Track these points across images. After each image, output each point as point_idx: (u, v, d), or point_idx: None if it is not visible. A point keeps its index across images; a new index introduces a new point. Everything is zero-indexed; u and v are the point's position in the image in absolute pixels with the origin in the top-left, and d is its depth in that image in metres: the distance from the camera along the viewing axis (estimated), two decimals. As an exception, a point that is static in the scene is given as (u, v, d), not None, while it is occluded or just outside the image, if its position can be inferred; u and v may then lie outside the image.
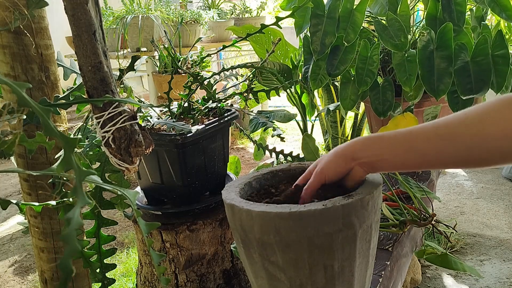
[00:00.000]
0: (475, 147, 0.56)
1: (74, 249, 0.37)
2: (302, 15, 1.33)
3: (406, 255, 1.10)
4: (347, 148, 0.63)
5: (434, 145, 0.58)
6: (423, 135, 0.59)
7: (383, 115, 1.29)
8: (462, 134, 0.56)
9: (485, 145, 0.55)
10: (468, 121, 0.56)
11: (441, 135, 0.57)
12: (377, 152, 0.61)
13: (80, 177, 0.43)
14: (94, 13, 0.67)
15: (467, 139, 0.56)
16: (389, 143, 0.61)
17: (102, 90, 0.69)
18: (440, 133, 0.58)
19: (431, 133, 0.58)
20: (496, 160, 0.57)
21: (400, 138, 0.60)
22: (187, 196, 1.00)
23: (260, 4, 3.45)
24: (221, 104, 1.04)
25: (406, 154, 0.60)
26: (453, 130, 0.57)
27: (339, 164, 0.63)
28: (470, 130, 0.56)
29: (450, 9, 1.24)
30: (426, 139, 0.58)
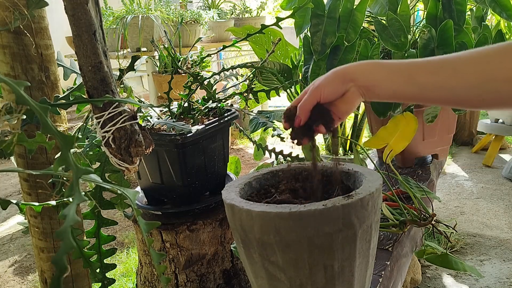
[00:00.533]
0: (477, 87, 0.54)
1: (69, 245, 0.37)
2: (302, 15, 1.33)
3: (406, 255, 1.10)
4: (347, 69, 0.62)
5: (436, 80, 0.56)
6: (426, 68, 0.57)
7: (383, 115, 1.29)
8: (466, 72, 0.55)
9: (487, 86, 0.54)
10: (475, 59, 0.55)
11: (445, 70, 0.56)
12: (376, 77, 0.60)
13: (77, 175, 0.43)
14: (94, 13, 0.67)
15: (470, 77, 0.54)
16: (390, 70, 0.59)
17: (102, 90, 0.69)
18: (444, 68, 0.56)
19: (435, 67, 0.57)
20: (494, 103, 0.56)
21: (403, 68, 0.59)
22: (187, 196, 1.00)
23: (260, 4, 3.45)
24: (221, 104, 1.04)
25: (405, 85, 0.59)
26: (458, 67, 0.55)
27: (336, 82, 0.62)
28: (475, 69, 0.54)
29: (450, 9, 1.24)
30: (428, 72, 0.57)
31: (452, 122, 1.49)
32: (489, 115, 2.94)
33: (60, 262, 0.37)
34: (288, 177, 0.75)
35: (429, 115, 1.34)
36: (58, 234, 0.38)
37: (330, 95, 0.62)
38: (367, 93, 0.62)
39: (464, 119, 3.25)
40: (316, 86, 0.63)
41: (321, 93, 0.62)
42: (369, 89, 0.61)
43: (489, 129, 2.89)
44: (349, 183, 0.71)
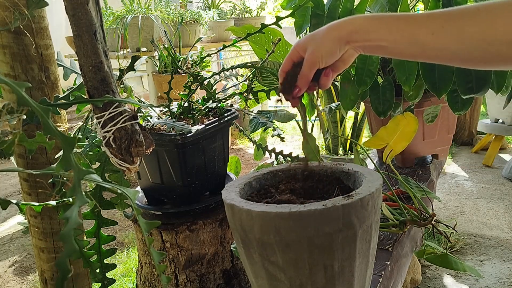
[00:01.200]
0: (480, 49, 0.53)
1: (72, 248, 0.37)
2: (302, 15, 1.33)
3: (406, 255, 1.10)
4: (344, 28, 0.59)
5: (438, 40, 0.54)
6: (428, 27, 0.55)
7: (383, 115, 1.29)
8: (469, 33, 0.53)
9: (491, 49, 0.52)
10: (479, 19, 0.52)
11: (448, 31, 0.54)
12: (375, 36, 0.57)
13: (79, 176, 0.43)
14: (94, 13, 0.67)
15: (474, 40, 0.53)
16: (389, 28, 0.56)
17: (102, 90, 0.69)
18: (447, 28, 0.54)
19: (437, 26, 0.54)
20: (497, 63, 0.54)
21: (403, 25, 0.56)
22: (187, 196, 1.00)
23: (260, 4, 3.45)
24: (221, 104, 1.04)
25: (406, 44, 0.56)
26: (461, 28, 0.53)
27: (333, 48, 0.59)
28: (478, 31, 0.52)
29: (450, 9, 1.24)
30: (430, 32, 0.54)
31: (452, 122, 1.49)
32: (489, 115, 2.94)
33: (64, 265, 0.37)
34: (288, 177, 0.75)
35: (429, 115, 1.34)
36: (61, 237, 0.38)
37: (328, 62, 0.60)
38: (365, 52, 0.60)
39: (464, 119, 3.25)
40: (313, 56, 0.60)
41: (320, 62, 0.60)
42: (367, 49, 0.59)
43: (489, 129, 2.89)
44: (349, 183, 0.71)
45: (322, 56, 0.59)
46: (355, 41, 0.59)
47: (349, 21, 0.59)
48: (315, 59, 0.60)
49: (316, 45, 0.60)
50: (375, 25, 0.57)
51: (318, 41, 0.60)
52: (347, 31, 0.58)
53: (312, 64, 0.60)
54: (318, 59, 0.60)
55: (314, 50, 0.60)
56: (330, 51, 0.59)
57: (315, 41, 0.60)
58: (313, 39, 0.61)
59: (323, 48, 0.59)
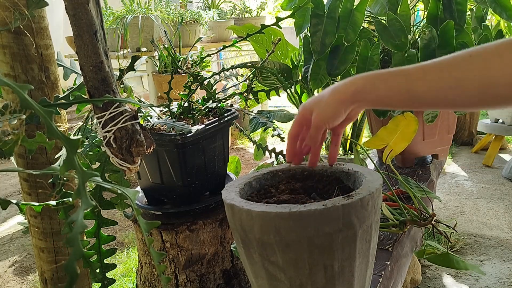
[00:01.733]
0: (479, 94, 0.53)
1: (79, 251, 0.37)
2: (302, 15, 1.33)
3: (406, 255, 1.10)
4: (345, 90, 0.61)
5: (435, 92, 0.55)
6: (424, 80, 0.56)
7: (383, 115, 1.29)
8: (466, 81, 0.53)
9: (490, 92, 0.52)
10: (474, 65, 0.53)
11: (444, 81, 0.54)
12: (376, 95, 0.59)
13: (83, 179, 0.43)
14: (95, 13, 0.67)
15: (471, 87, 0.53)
16: (388, 86, 0.58)
17: (103, 90, 0.69)
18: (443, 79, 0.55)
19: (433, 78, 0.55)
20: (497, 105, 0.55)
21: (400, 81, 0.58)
22: (187, 196, 1.00)
23: (260, 4, 3.45)
24: (221, 104, 1.04)
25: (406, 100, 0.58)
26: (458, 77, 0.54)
27: (338, 110, 0.61)
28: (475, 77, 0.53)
29: (451, 9, 1.24)
30: (427, 85, 0.56)
31: (452, 122, 1.49)
32: (489, 115, 2.94)
33: (72, 268, 0.37)
34: (288, 177, 0.75)
35: (429, 115, 1.34)
36: (68, 240, 0.38)
37: (335, 123, 0.63)
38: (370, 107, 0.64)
39: (464, 119, 3.25)
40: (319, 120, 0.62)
41: (326, 126, 0.62)
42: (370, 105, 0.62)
43: (489, 129, 2.89)
44: (349, 183, 0.71)
45: (328, 119, 0.62)
46: (358, 101, 0.61)
47: (351, 82, 0.61)
48: (321, 123, 0.62)
49: (322, 108, 0.62)
50: (375, 84, 0.59)
51: (323, 104, 0.62)
52: (350, 93, 0.60)
53: (318, 128, 0.62)
54: (324, 123, 0.62)
55: (320, 114, 0.62)
56: (335, 114, 0.62)
57: (320, 105, 0.62)
58: (318, 102, 0.63)
59: (329, 112, 0.62)
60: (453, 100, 0.55)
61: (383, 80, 0.59)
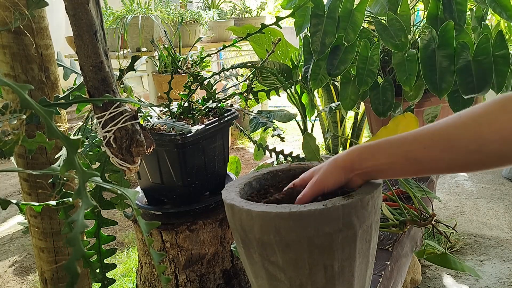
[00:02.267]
0: (474, 153, 0.54)
1: (80, 251, 0.37)
2: (302, 15, 1.33)
3: (406, 255, 1.10)
4: (345, 159, 0.63)
5: (431, 153, 0.57)
6: (418, 143, 0.58)
7: (383, 115, 1.29)
8: (458, 140, 0.55)
9: (484, 150, 0.54)
10: (464, 125, 0.55)
11: (437, 141, 0.57)
12: (374, 162, 0.61)
13: (83, 179, 0.43)
14: (95, 13, 0.67)
15: (463, 145, 0.55)
16: (385, 152, 0.61)
17: (103, 90, 0.69)
18: (436, 139, 0.57)
19: (427, 140, 0.58)
20: (495, 163, 0.56)
21: (396, 147, 0.60)
22: (187, 196, 1.00)
23: (260, 4, 3.45)
24: (221, 104, 1.04)
25: (403, 164, 0.60)
26: (449, 136, 0.56)
27: (338, 176, 0.63)
28: (466, 137, 0.55)
29: (451, 9, 1.24)
30: (422, 147, 0.58)
31: (452, 122, 1.49)
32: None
33: (73, 268, 0.37)
34: (288, 177, 0.75)
35: (429, 115, 1.34)
36: (69, 240, 0.38)
37: (333, 188, 0.64)
38: (370, 178, 0.64)
39: (464, 119, 3.25)
40: (318, 182, 0.63)
41: (324, 188, 0.63)
42: (370, 175, 0.63)
43: (489, 129, 2.88)
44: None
45: (326, 184, 0.63)
46: (357, 169, 0.62)
47: (348, 152, 0.64)
48: (318, 186, 0.64)
49: (322, 174, 0.64)
50: (372, 152, 0.62)
51: (323, 170, 0.64)
52: (350, 161, 0.63)
53: (315, 191, 0.64)
54: (322, 186, 0.63)
55: (319, 178, 0.64)
56: (334, 180, 0.64)
57: (321, 171, 0.65)
58: (318, 168, 0.66)
59: (327, 177, 0.64)
60: (450, 161, 0.56)
61: (379, 148, 0.62)
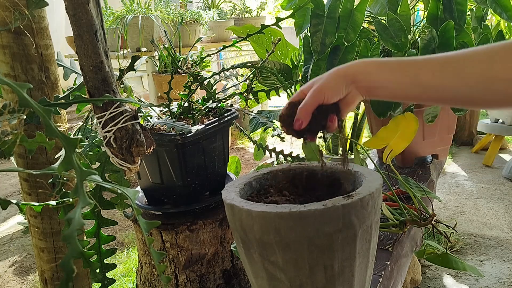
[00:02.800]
0: (481, 87, 0.54)
1: (75, 249, 0.37)
2: (302, 15, 1.33)
3: (406, 255, 1.10)
4: (349, 69, 0.61)
5: (439, 80, 0.56)
6: (429, 68, 0.57)
7: (383, 115, 1.29)
8: (469, 72, 0.54)
9: (492, 87, 0.53)
10: (478, 59, 0.54)
11: (448, 70, 0.55)
12: (379, 78, 0.59)
13: (81, 177, 0.43)
14: (95, 13, 0.67)
15: (474, 78, 0.54)
16: (392, 71, 0.59)
17: (103, 90, 0.69)
18: (447, 68, 0.55)
19: (438, 66, 0.56)
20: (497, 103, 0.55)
21: (405, 68, 0.58)
22: (187, 196, 1.00)
23: (260, 4, 3.45)
24: (221, 104, 1.04)
25: (408, 86, 0.58)
26: (461, 67, 0.54)
27: (339, 85, 0.61)
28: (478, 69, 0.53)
29: (451, 9, 1.24)
30: (431, 72, 0.56)
31: (452, 122, 1.49)
32: (489, 115, 2.94)
33: (68, 266, 0.37)
34: (288, 177, 0.75)
35: (429, 115, 1.34)
36: (65, 238, 0.38)
37: (332, 98, 0.62)
38: (369, 94, 0.62)
39: (464, 119, 3.25)
40: (318, 89, 0.62)
41: (324, 96, 0.61)
42: (371, 90, 0.61)
43: (489, 129, 2.89)
44: (349, 183, 0.71)
45: (326, 91, 0.61)
46: (359, 81, 0.61)
47: (354, 64, 0.61)
48: (319, 93, 0.61)
49: (322, 81, 0.62)
50: (378, 68, 0.60)
51: (324, 78, 0.62)
52: (352, 72, 0.61)
53: (315, 97, 0.61)
54: (322, 94, 0.61)
55: (319, 86, 0.62)
56: (334, 88, 0.61)
57: (320, 79, 0.62)
58: (319, 78, 0.63)
59: (328, 84, 0.61)
60: (456, 91, 0.55)
61: (386, 65, 0.59)
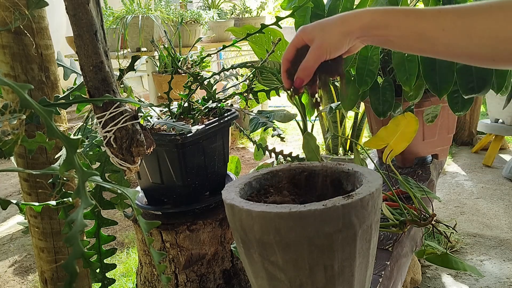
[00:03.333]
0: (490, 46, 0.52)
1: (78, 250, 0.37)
2: (302, 15, 1.33)
3: (406, 255, 1.10)
4: (352, 23, 0.58)
5: (448, 36, 0.54)
6: (438, 23, 0.54)
7: (383, 116, 1.29)
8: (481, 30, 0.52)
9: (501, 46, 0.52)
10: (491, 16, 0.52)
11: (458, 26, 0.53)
12: (385, 32, 0.57)
13: (83, 178, 0.43)
14: (95, 13, 0.67)
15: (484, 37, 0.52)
16: (399, 24, 0.56)
17: (103, 90, 0.69)
18: (458, 24, 0.53)
19: (448, 22, 0.54)
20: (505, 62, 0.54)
21: (413, 21, 0.56)
22: (187, 196, 1.00)
23: (260, 4, 3.45)
24: (221, 104, 1.04)
25: (415, 40, 0.56)
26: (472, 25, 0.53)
27: (342, 42, 0.58)
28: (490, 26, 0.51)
29: (450, 9, 1.24)
30: (440, 27, 0.54)
31: (452, 122, 1.49)
32: (489, 115, 2.94)
33: (72, 267, 0.37)
34: (288, 177, 0.75)
35: (429, 115, 1.34)
36: (67, 239, 0.38)
37: (335, 55, 0.59)
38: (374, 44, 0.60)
39: (464, 119, 3.25)
40: (320, 45, 0.58)
41: (326, 54, 0.58)
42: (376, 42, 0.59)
43: (489, 129, 2.89)
44: (349, 183, 0.71)
45: (330, 49, 0.59)
46: (364, 36, 0.58)
47: (359, 15, 0.58)
48: (322, 52, 0.59)
49: (324, 37, 0.59)
50: (385, 20, 0.57)
51: (327, 33, 0.59)
52: (357, 26, 0.58)
53: (318, 57, 0.59)
54: (325, 52, 0.59)
55: (322, 43, 0.59)
56: (338, 45, 0.58)
57: (323, 33, 0.59)
58: (321, 29, 0.59)
59: (331, 42, 0.58)
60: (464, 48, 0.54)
61: (394, 17, 0.57)
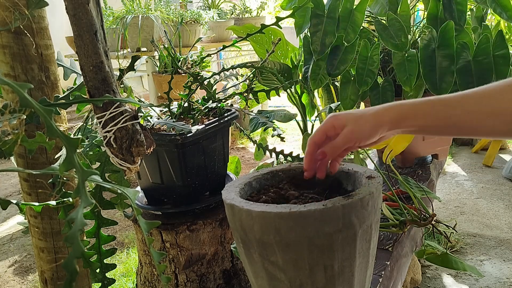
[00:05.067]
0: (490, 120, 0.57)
1: (78, 249, 0.37)
2: (302, 15, 1.33)
3: (406, 255, 1.10)
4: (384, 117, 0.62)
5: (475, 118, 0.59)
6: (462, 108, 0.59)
7: (383, 115, 1.28)
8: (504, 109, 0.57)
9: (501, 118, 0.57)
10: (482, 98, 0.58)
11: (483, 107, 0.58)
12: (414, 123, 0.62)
13: (83, 177, 0.43)
14: (95, 13, 0.67)
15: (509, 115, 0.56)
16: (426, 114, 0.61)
17: (103, 90, 0.69)
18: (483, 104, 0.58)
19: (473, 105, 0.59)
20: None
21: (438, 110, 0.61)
22: (187, 196, 1.00)
23: (260, 4, 3.45)
24: (221, 104, 1.04)
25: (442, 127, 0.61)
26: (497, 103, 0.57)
27: (374, 133, 0.62)
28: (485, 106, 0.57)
29: (451, 9, 1.24)
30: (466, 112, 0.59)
31: (452, 122, 1.49)
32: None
33: (71, 266, 0.37)
34: (288, 177, 0.75)
35: (429, 115, 1.34)
36: (67, 238, 0.38)
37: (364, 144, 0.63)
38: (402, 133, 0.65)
39: (464, 119, 3.25)
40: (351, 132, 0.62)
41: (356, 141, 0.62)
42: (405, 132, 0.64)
43: (489, 129, 2.89)
44: (349, 183, 0.71)
45: (362, 138, 0.62)
46: (394, 128, 0.62)
47: (389, 109, 0.62)
48: (353, 137, 0.62)
49: (358, 126, 0.62)
50: (412, 112, 0.62)
51: (361, 124, 0.62)
52: (387, 120, 0.62)
53: (348, 139, 0.62)
54: (355, 138, 0.62)
55: (354, 131, 0.62)
56: (368, 136, 0.62)
57: (357, 123, 0.62)
58: (355, 120, 0.63)
59: (364, 132, 0.62)
60: (493, 127, 0.58)
61: (420, 108, 0.62)
